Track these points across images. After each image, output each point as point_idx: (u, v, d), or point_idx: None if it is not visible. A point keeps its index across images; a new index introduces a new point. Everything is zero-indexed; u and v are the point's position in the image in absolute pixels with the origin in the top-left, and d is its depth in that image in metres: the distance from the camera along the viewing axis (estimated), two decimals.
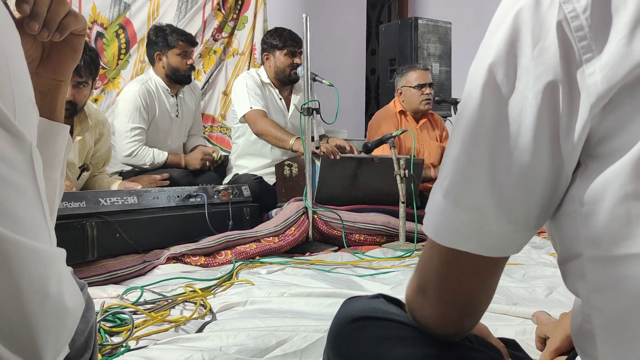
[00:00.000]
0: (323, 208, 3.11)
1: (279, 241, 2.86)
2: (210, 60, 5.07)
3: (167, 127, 3.77)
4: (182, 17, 4.85)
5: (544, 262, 2.62)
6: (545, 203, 0.64)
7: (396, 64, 5.33)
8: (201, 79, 5.03)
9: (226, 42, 5.14)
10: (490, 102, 0.62)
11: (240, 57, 5.16)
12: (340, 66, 6.46)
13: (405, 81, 4.17)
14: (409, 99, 4.15)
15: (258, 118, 3.58)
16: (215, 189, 3.05)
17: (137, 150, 3.56)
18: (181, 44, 3.69)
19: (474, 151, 0.64)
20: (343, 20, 6.79)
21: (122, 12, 4.60)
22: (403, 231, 3.10)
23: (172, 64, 3.69)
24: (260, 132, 3.57)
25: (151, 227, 2.62)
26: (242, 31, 5.17)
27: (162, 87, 3.74)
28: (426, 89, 4.11)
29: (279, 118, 3.78)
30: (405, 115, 4.20)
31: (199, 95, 4.17)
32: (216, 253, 2.65)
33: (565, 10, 0.59)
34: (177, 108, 3.82)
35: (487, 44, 0.64)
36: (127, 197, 2.62)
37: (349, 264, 2.62)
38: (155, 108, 3.68)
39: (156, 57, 3.73)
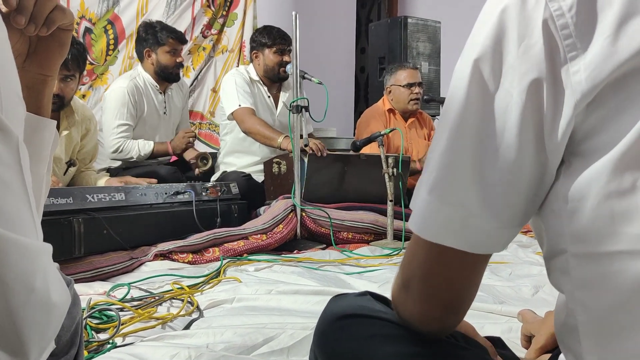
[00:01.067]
0: (311, 206, 3.11)
1: (267, 239, 2.86)
2: (199, 57, 5.05)
3: (155, 124, 3.77)
4: (171, 14, 4.83)
5: (531, 261, 2.63)
6: (530, 199, 0.65)
7: (385, 63, 5.34)
8: (190, 75, 5.01)
9: (215, 39, 5.13)
10: (476, 98, 0.63)
11: (229, 54, 5.15)
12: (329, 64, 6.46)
13: (395, 80, 4.19)
14: (398, 98, 4.17)
15: (246, 116, 3.57)
16: (203, 186, 3.05)
17: (122, 145, 3.56)
18: (171, 42, 3.68)
19: (459, 147, 0.64)
20: (333, 19, 6.80)
21: (110, 7, 4.58)
22: (391, 229, 3.11)
23: (161, 61, 3.69)
24: (248, 130, 3.57)
25: (138, 224, 2.61)
26: (232, 28, 5.16)
27: (151, 84, 3.73)
28: (415, 88, 4.13)
29: (267, 116, 3.78)
30: (394, 114, 4.21)
31: (186, 93, 4.16)
32: (204, 250, 2.65)
33: (551, 8, 0.60)
34: (165, 105, 3.82)
35: (473, 40, 0.65)
36: (114, 194, 2.61)
37: (336, 262, 2.63)
38: (144, 104, 3.67)
39: (145, 53, 3.72)
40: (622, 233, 0.58)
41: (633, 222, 0.57)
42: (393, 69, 4.26)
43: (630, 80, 0.58)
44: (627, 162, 0.57)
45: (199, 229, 2.77)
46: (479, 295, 1.76)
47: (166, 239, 2.64)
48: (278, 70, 3.77)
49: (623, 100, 0.58)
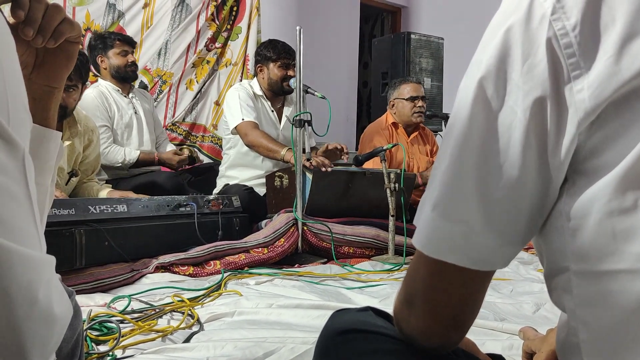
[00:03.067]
0: (313, 220, 3.11)
1: (268, 252, 2.85)
2: (203, 70, 5.07)
3: (130, 123, 3.85)
4: (175, 27, 4.86)
5: (532, 278, 2.62)
6: (533, 217, 0.65)
7: (388, 78, 5.36)
8: (194, 88, 5.03)
9: (219, 53, 5.15)
10: (480, 116, 0.63)
11: (233, 67, 5.17)
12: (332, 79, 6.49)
13: (398, 93, 4.21)
14: (401, 111, 4.19)
15: (250, 129, 3.58)
16: (205, 198, 3.05)
17: (107, 149, 3.64)
18: (118, 43, 3.81)
19: (463, 164, 0.64)
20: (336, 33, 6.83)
21: (115, 20, 4.61)
22: (392, 244, 3.10)
23: (113, 63, 3.81)
24: (252, 143, 3.57)
25: (140, 236, 2.61)
26: (236, 42, 5.19)
27: (113, 89, 3.84)
28: (419, 102, 4.15)
29: (271, 130, 3.78)
30: (396, 128, 4.23)
31: (151, 100, 4.24)
32: (205, 263, 2.64)
33: (555, 27, 0.60)
34: (133, 105, 3.90)
35: (478, 58, 0.65)
36: (116, 205, 2.61)
37: (337, 277, 2.62)
38: (113, 105, 3.78)
39: (99, 61, 3.84)
40: (623, 252, 0.58)
41: (635, 241, 0.57)
42: (397, 83, 4.29)
43: (633, 99, 0.58)
44: (629, 180, 0.57)
45: (200, 242, 2.76)
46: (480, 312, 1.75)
47: (167, 251, 2.63)
48: (282, 84, 3.79)
49: (626, 120, 0.58)
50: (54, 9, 0.80)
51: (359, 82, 7.47)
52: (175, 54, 4.89)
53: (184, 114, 5.00)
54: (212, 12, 5.03)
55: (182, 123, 5.01)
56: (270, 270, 2.70)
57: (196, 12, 4.94)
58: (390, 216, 3.09)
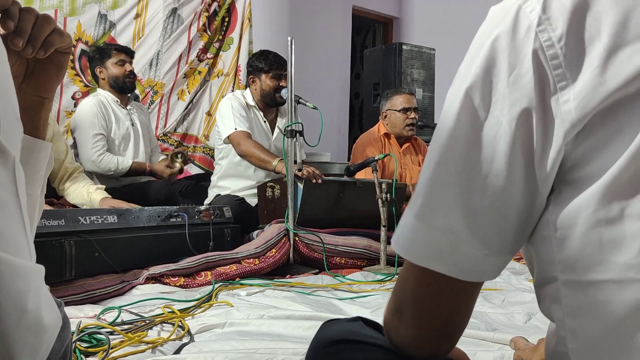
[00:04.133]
0: (304, 230, 3.11)
1: (260, 263, 2.85)
2: (194, 80, 5.08)
3: (127, 135, 3.87)
4: (167, 37, 4.87)
5: (523, 288, 2.63)
6: (520, 227, 0.65)
7: (380, 89, 5.39)
8: (185, 99, 5.03)
9: (211, 63, 5.16)
10: (466, 125, 0.64)
11: (224, 78, 5.18)
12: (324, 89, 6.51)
13: (391, 104, 4.23)
14: (394, 122, 4.20)
15: (242, 139, 3.59)
16: (196, 209, 3.05)
17: (102, 157, 3.66)
18: (115, 52, 3.85)
19: (448, 172, 0.65)
20: (328, 44, 6.86)
21: (107, 30, 4.61)
22: (384, 255, 3.10)
23: (111, 73, 3.83)
24: (244, 153, 3.58)
25: (131, 247, 2.60)
26: (227, 52, 5.20)
27: (112, 99, 3.86)
28: (411, 113, 4.17)
29: (263, 140, 3.79)
30: (389, 138, 4.24)
31: (146, 113, 4.27)
32: (196, 274, 2.64)
33: (541, 38, 0.61)
34: (130, 117, 3.92)
35: (464, 69, 0.66)
36: (107, 216, 2.60)
37: (329, 287, 2.62)
38: (111, 115, 3.80)
39: (98, 72, 3.87)
40: (610, 261, 0.58)
41: (621, 251, 0.58)
42: (389, 94, 4.30)
43: (619, 110, 0.59)
44: (615, 190, 0.58)
45: (191, 253, 2.76)
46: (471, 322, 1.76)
47: (158, 262, 2.62)
48: (274, 94, 3.79)
49: (611, 130, 0.59)
50: (44, 20, 0.80)
51: (351, 93, 7.50)
52: (166, 64, 4.90)
53: (175, 125, 5.00)
54: (203, 22, 5.04)
55: (174, 133, 5.01)
56: (262, 281, 2.69)
57: (188, 23, 4.95)
58: (382, 226, 3.10)
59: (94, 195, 3.13)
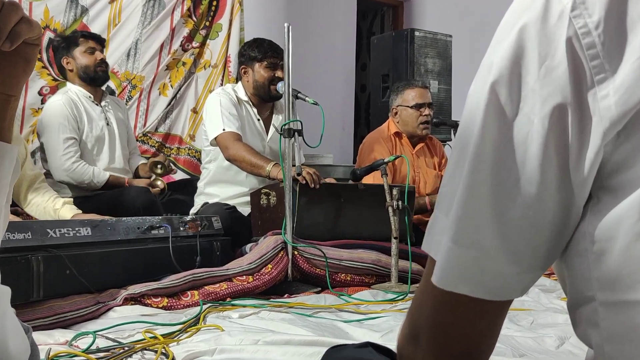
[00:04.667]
0: (305, 243, 3.11)
1: (254, 280, 2.85)
2: (178, 73, 5.09)
3: (101, 136, 3.87)
4: (147, 24, 4.88)
5: (555, 308, 2.63)
6: (554, 240, 0.65)
7: (389, 81, 5.39)
8: (168, 94, 5.04)
9: (197, 53, 5.17)
10: (493, 125, 0.63)
11: (212, 69, 5.19)
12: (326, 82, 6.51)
13: (402, 100, 4.22)
14: (406, 120, 4.20)
15: (231, 142, 3.58)
16: (181, 219, 3.05)
17: (75, 165, 3.66)
18: (83, 40, 3.85)
19: (474, 180, 0.64)
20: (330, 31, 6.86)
21: (78, 17, 4.62)
22: (395, 271, 3.10)
23: (80, 63, 3.84)
24: (233, 158, 3.57)
25: (106, 263, 2.61)
26: (216, 41, 5.21)
27: (84, 95, 3.86)
28: (425, 110, 4.17)
29: (256, 141, 3.79)
30: (400, 138, 4.24)
31: (124, 109, 4.27)
32: (181, 294, 2.64)
33: (576, 25, 0.60)
34: (105, 115, 3.93)
35: (489, 60, 0.66)
36: (79, 228, 2.60)
37: (333, 308, 2.62)
38: (83, 115, 3.80)
39: (65, 63, 3.86)
40: None
41: None
42: (400, 88, 4.30)
43: None
44: None
45: (176, 269, 2.76)
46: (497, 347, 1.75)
47: (138, 280, 2.63)
48: (269, 87, 3.79)
49: None
50: (10, 8, 0.80)
51: (357, 86, 7.50)
52: (146, 55, 4.91)
53: (156, 123, 5.01)
54: (188, 7, 5.05)
55: (155, 133, 5.02)
56: (256, 301, 2.69)
57: (170, 8, 4.96)
58: (393, 238, 3.10)
59: (63, 211, 3.12)
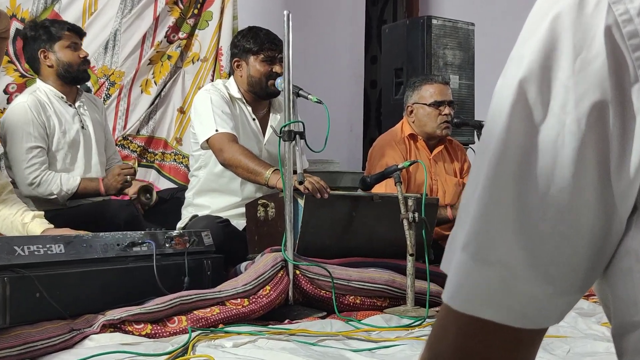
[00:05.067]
0: (308, 261, 3.10)
1: (250, 304, 2.84)
2: (163, 67, 5.09)
3: (75, 142, 3.84)
4: (127, 13, 4.88)
5: (595, 335, 2.62)
6: (593, 257, 0.64)
7: (403, 76, 5.38)
8: (151, 92, 5.03)
9: (184, 45, 5.17)
10: (519, 127, 0.63)
11: (202, 64, 5.19)
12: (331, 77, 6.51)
13: (419, 97, 4.22)
14: (423, 120, 4.19)
15: (225, 144, 3.58)
16: (166, 235, 3.05)
17: (40, 176, 3.62)
18: (67, 34, 3.83)
19: (499, 189, 0.64)
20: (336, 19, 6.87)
21: (49, 5, 4.62)
22: (411, 292, 3.10)
23: (62, 58, 3.80)
24: (228, 162, 3.57)
25: (82, 285, 2.61)
26: (205, 31, 5.21)
27: (56, 96, 3.83)
28: (445, 108, 4.16)
29: (252, 144, 3.79)
30: (415, 141, 4.23)
31: (102, 108, 4.26)
32: (167, 319, 2.64)
33: (616, 12, 0.60)
34: (80, 118, 3.91)
35: (517, 53, 0.65)
36: (51, 245, 2.60)
37: (340, 335, 2.62)
38: (52, 119, 3.76)
39: (42, 57, 3.81)
40: None
41: None
42: (416, 83, 4.30)
43: None
44: None
45: (161, 292, 2.76)
46: None
47: (118, 304, 2.62)
48: (266, 82, 3.79)
49: None
50: None
51: (366, 82, 7.51)
52: (126, 47, 4.91)
53: (138, 125, 5.00)
54: None
55: (136, 137, 5.02)
56: (253, 327, 2.69)
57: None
58: (409, 255, 3.09)
59: (32, 226, 3.12)
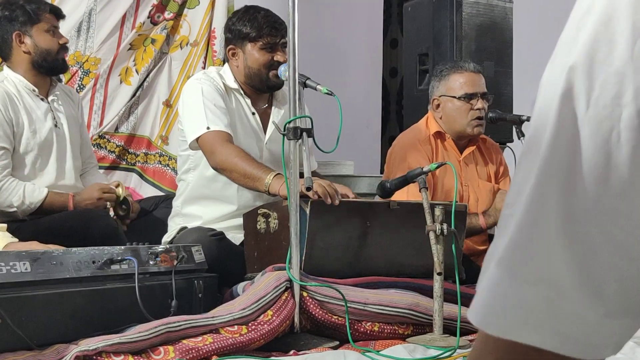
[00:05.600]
0: (317, 281, 3.10)
1: (249, 332, 2.85)
2: (146, 53, 5.10)
3: (47, 142, 3.85)
4: None
5: None
6: None
7: (429, 62, 5.37)
8: (131, 82, 5.05)
9: (170, 27, 5.18)
10: (569, 122, 0.64)
11: (191, 48, 5.21)
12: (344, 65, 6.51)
13: (446, 88, 4.20)
14: (451, 115, 4.18)
15: (218, 144, 3.58)
16: (150, 250, 3.05)
17: (0, 182, 3.63)
18: (48, 17, 3.86)
19: (544, 195, 0.64)
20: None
21: None
22: (439, 318, 3.09)
23: (40, 44, 3.83)
24: (222, 166, 3.56)
25: (51, 309, 2.61)
26: (195, 10, 5.22)
27: (26, 88, 3.85)
28: (478, 102, 4.13)
29: (251, 143, 3.79)
30: (443, 140, 4.22)
31: (78, 102, 4.29)
32: (151, 350, 2.64)
33: None
34: (54, 114, 3.92)
35: (568, 36, 0.66)
36: (14, 263, 2.61)
37: None
38: (21, 115, 3.78)
39: (16, 40, 3.84)
40: None
41: None
42: (444, 72, 4.27)
43: None
44: None
45: (144, 317, 2.76)
46: None
47: (93, 332, 2.63)
48: (267, 74, 3.79)
49: None
50: None
51: (384, 70, 7.50)
52: (103, 30, 4.95)
53: (117, 121, 5.02)
54: None
55: (115, 135, 5.03)
56: (252, 359, 2.69)
57: None
58: (436, 274, 3.09)
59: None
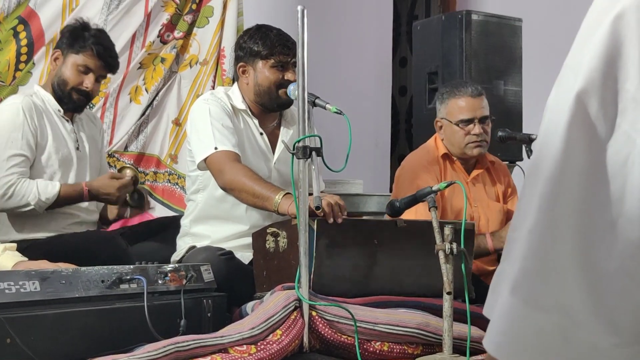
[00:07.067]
0: (326, 301, 3.10)
1: (258, 352, 2.84)
2: (155, 72, 5.10)
3: (68, 160, 3.88)
4: (113, 8, 4.90)
5: None
6: None
7: (438, 81, 5.37)
8: (141, 101, 5.04)
9: (180, 46, 5.18)
10: (579, 147, 0.63)
11: (201, 67, 5.21)
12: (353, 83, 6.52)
13: (446, 111, 4.17)
14: (451, 139, 4.16)
15: (227, 164, 3.57)
16: (159, 270, 3.05)
17: (15, 186, 3.64)
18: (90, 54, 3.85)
19: (556, 221, 0.64)
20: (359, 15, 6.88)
21: (22, 0, 4.65)
22: (449, 338, 3.08)
23: (63, 72, 3.85)
24: (230, 186, 3.56)
25: (60, 329, 2.61)
26: (205, 29, 5.22)
27: (52, 106, 3.88)
28: (475, 128, 4.07)
29: (259, 163, 3.79)
30: (451, 161, 4.20)
31: (101, 129, 4.31)
32: None
33: None
34: (76, 137, 3.95)
35: (574, 60, 0.66)
36: (24, 282, 2.61)
37: None
38: (46, 128, 3.81)
39: (53, 58, 3.91)
40: None
41: None
42: (444, 95, 4.23)
43: None
44: None
45: (153, 337, 2.76)
46: None
47: (102, 351, 2.63)
48: (276, 92, 3.79)
49: None
50: None
51: (394, 88, 7.51)
52: None
53: (126, 140, 5.02)
54: None
55: (124, 154, 5.03)
56: None
57: None
58: (446, 294, 3.08)
59: (2, 259, 3.14)
